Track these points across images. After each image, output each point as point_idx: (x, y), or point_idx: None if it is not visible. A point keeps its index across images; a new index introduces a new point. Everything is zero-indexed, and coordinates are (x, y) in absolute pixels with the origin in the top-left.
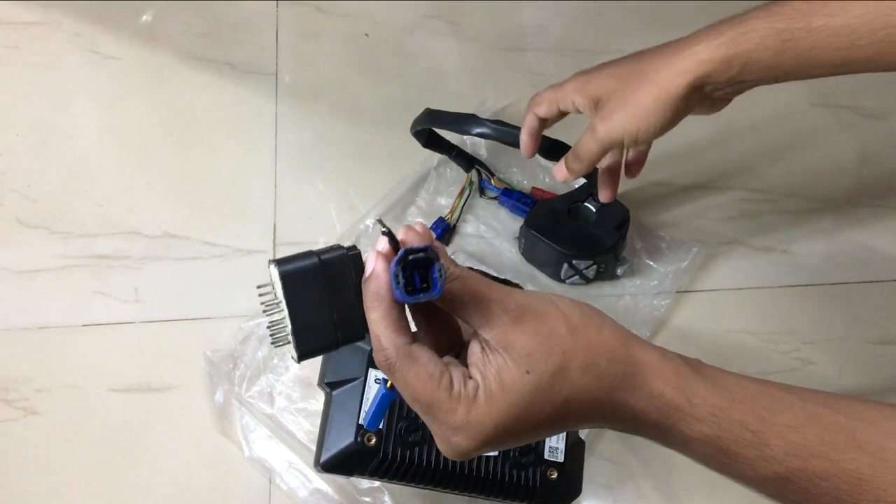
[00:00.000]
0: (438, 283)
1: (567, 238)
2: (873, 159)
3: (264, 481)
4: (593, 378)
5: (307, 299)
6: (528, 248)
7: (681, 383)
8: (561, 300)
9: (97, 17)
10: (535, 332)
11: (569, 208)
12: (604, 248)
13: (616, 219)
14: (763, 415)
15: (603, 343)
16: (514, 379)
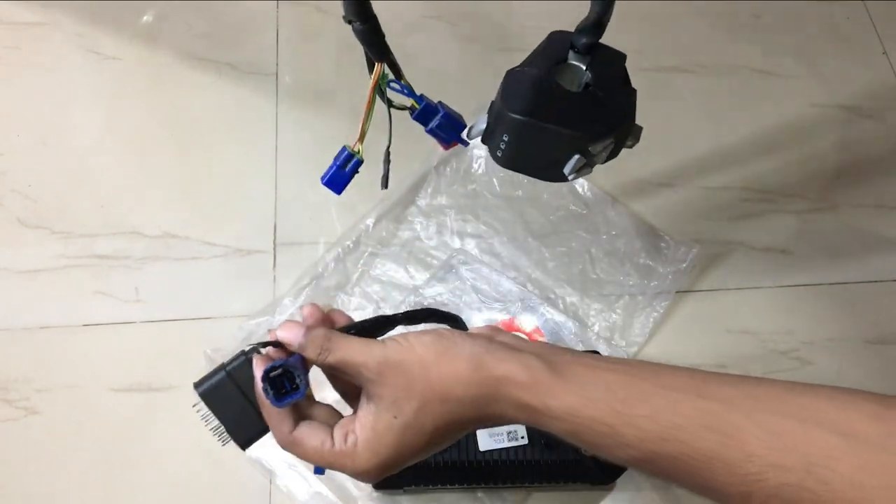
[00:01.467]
0: (301, 389)
1: (576, 115)
2: (873, 159)
3: (264, 482)
4: (454, 405)
5: (228, 404)
6: (515, 145)
7: (538, 390)
8: (418, 342)
9: (98, 17)
10: (395, 384)
11: (551, 72)
12: (622, 116)
13: (616, 70)
14: (618, 408)
15: (455, 374)
16: (386, 425)
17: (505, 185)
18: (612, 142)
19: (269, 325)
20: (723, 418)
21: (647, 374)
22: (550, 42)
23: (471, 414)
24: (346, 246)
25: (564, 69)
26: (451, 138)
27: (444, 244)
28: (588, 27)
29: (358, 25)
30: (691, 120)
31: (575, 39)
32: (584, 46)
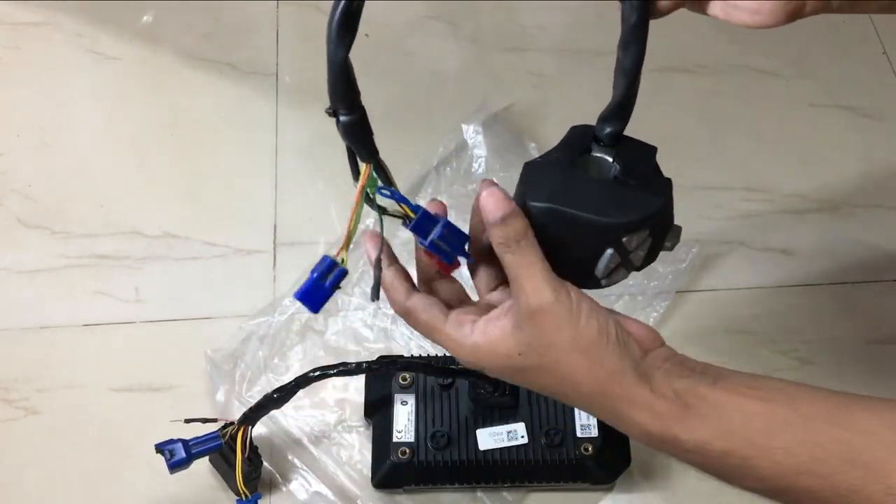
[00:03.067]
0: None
1: (601, 202)
2: (873, 159)
3: (265, 482)
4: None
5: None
6: (539, 241)
7: (669, 421)
8: (585, 316)
9: (98, 17)
10: (534, 335)
11: (575, 163)
12: (660, 205)
13: (647, 161)
14: (755, 440)
15: (600, 376)
16: (507, 352)
17: (505, 185)
18: (649, 237)
19: (268, 325)
20: (864, 451)
21: (784, 399)
22: (571, 135)
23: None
24: None
25: (588, 160)
26: (454, 252)
27: None
28: (611, 112)
29: (344, 116)
30: (691, 120)
31: (598, 130)
32: (609, 137)
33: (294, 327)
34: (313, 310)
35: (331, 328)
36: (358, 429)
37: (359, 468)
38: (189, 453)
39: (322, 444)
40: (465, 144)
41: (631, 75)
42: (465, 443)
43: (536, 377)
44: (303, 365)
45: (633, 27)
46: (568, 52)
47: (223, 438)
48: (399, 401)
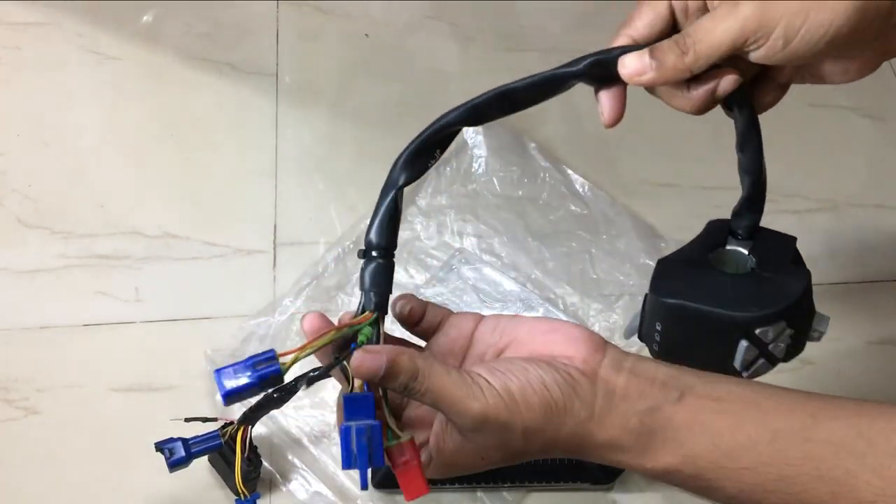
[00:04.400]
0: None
1: (734, 295)
2: (873, 159)
3: (265, 482)
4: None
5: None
6: (670, 335)
7: (635, 453)
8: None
9: (98, 17)
10: (490, 438)
11: (707, 258)
12: (798, 293)
13: (785, 252)
14: (721, 462)
15: (557, 441)
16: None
17: (505, 185)
18: (787, 328)
19: (268, 325)
20: (834, 465)
21: (752, 414)
22: (708, 231)
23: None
24: (346, 246)
25: (723, 254)
26: (357, 460)
27: (445, 244)
28: (742, 207)
29: (381, 259)
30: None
31: (733, 224)
32: (745, 230)
33: (294, 327)
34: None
35: None
36: None
37: None
38: (188, 452)
39: (322, 444)
40: (465, 144)
41: (754, 174)
42: None
43: (504, 459)
44: (303, 365)
45: (744, 132)
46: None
47: (223, 438)
48: None
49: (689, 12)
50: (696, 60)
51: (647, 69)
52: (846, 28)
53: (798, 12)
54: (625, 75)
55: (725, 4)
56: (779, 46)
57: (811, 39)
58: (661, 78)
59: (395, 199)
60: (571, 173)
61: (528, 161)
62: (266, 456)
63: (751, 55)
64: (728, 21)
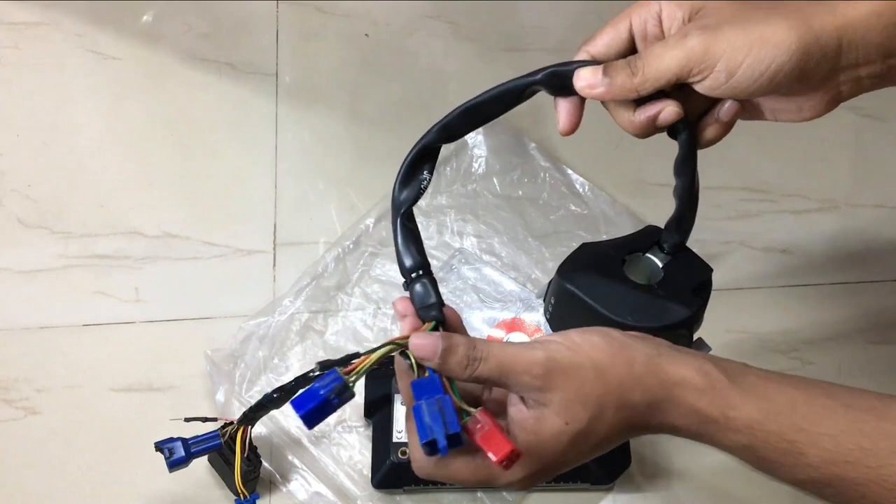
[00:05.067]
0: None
1: (620, 300)
2: (873, 159)
3: (265, 482)
4: (629, 412)
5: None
6: (559, 310)
7: (716, 397)
8: (587, 342)
9: (97, 17)
10: (566, 388)
11: (623, 258)
12: (674, 321)
13: (692, 279)
14: (801, 424)
15: (634, 378)
16: (554, 431)
17: (505, 185)
18: None
19: (268, 325)
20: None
21: (825, 390)
22: (641, 233)
23: (643, 421)
24: (346, 246)
25: (638, 259)
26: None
27: (445, 244)
28: (672, 224)
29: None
30: None
31: (663, 236)
32: (669, 246)
33: (294, 327)
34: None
35: (331, 328)
36: (358, 429)
37: (359, 468)
38: (188, 452)
39: (322, 444)
40: (464, 144)
41: (683, 200)
42: None
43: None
44: (303, 365)
45: (681, 161)
46: (568, 52)
47: (222, 438)
48: (399, 401)
49: (647, 38)
50: (644, 82)
51: (598, 84)
52: (788, 66)
53: (741, 48)
54: (578, 87)
55: (677, 35)
56: (721, 79)
57: (752, 74)
58: (610, 94)
59: (404, 223)
60: (571, 173)
61: (528, 161)
62: (266, 456)
63: (696, 86)
64: (676, 50)
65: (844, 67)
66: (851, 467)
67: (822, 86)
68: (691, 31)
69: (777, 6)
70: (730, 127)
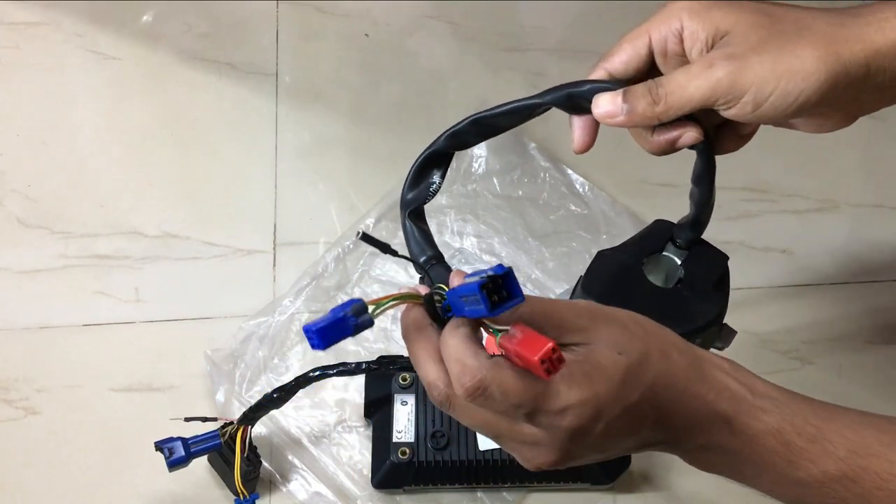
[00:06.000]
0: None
1: (650, 308)
2: (873, 159)
3: (265, 482)
4: (671, 364)
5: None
6: None
7: (740, 375)
8: (620, 310)
9: (97, 17)
10: (614, 324)
11: (642, 262)
12: (705, 320)
13: (712, 271)
14: (821, 413)
15: (669, 337)
16: (608, 358)
17: (505, 185)
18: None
19: (268, 325)
20: None
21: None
22: (651, 230)
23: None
24: (346, 246)
25: (657, 260)
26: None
27: (445, 244)
28: (687, 224)
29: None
30: None
31: (676, 232)
32: (684, 242)
33: (294, 327)
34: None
35: None
36: (358, 429)
37: (359, 468)
38: (188, 452)
39: (322, 444)
40: None
41: (700, 206)
42: (465, 443)
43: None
44: (303, 365)
45: (700, 173)
46: (568, 51)
47: (222, 438)
48: (399, 401)
49: (667, 56)
50: (666, 111)
51: (618, 113)
52: (816, 97)
53: (769, 80)
54: (597, 115)
55: (701, 62)
56: (748, 110)
57: (780, 105)
58: (631, 122)
59: (412, 220)
60: (571, 173)
61: (528, 161)
62: (266, 456)
63: (721, 112)
64: (700, 79)
65: (870, 89)
66: (877, 460)
67: (845, 107)
68: (717, 60)
69: (804, 31)
70: (750, 138)
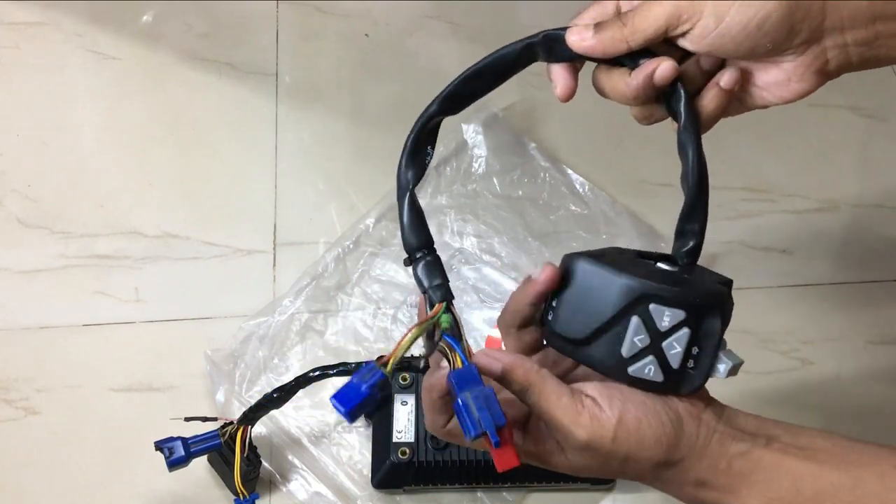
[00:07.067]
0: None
1: (643, 273)
2: (873, 159)
3: (265, 482)
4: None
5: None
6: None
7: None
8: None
9: (97, 17)
10: (590, 460)
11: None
12: (700, 292)
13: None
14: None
15: (655, 472)
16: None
17: (505, 185)
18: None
19: (268, 325)
20: None
21: (835, 462)
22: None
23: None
24: (346, 246)
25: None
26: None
27: (445, 244)
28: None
29: (427, 257)
30: None
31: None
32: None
33: (294, 327)
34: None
35: (330, 328)
36: (358, 429)
37: (359, 468)
38: (188, 451)
39: (322, 444)
40: (465, 144)
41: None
42: None
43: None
44: (303, 365)
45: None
46: None
47: (222, 438)
48: (399, 401)
49: None
50: (633, 33)
51: (588, 37)
52: (775, 15)
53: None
54: (570, 41)
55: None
56: (711, 26)
57: (741, 21)
58: (601, 45)
59: (411, 200)
60: (571, 173)
61: (528, 161)
62: (266, 456)
63: (686, 38)
64: (664, 2)
65: (829, 30)
66: None
67: (808, 47)
68: None
69: None
70: (729, 95)
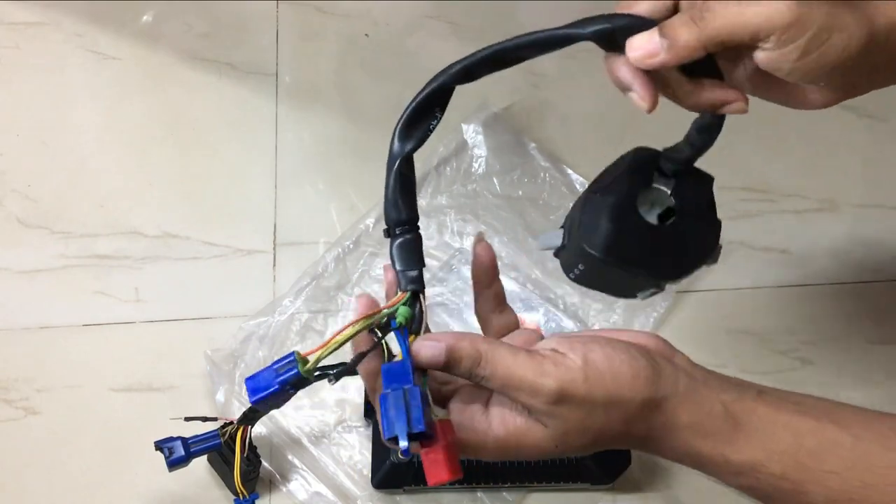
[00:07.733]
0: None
1: (656, 254)
2: (873, 159)
3: (265, 482)
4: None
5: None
6: (590, 274)
7: (719, 440)
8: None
9: (97, 17)
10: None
11: (635, 199)
12: (710, 248)
13: (702, 195)
14: (805, 462)
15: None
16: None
17: (505, 185)
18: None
19: (268, 325)
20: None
21: (836, 417)
22: (635, 161)
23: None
24: (346, 246)
25: (647, 193)
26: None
27: (445, 244)
28: (682, 160)
29: (406, 235)
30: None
31: (663, 163)
32: (672, 171)
33: (294, 327)
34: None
35: (331, 328)
36: (358, 429)
37: (359, 468)
38: (188, 451)
39: (322, 444)
40: (464, 144)
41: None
42: None
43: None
44: None
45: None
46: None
47: (222, 438)
48: None
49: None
50: (711, 38)
51: (658, 49)
52: (855, 55)
53: (827, 28)
54: (634, 59)
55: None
56: (794, 56)
57: (826, 56)
58: (675, 58)
59: (401, 170)
60: (571, 173)
61: (528, 161)
62: (266, 456)
63: (759, 54)
64: (761, 5)
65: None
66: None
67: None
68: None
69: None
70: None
